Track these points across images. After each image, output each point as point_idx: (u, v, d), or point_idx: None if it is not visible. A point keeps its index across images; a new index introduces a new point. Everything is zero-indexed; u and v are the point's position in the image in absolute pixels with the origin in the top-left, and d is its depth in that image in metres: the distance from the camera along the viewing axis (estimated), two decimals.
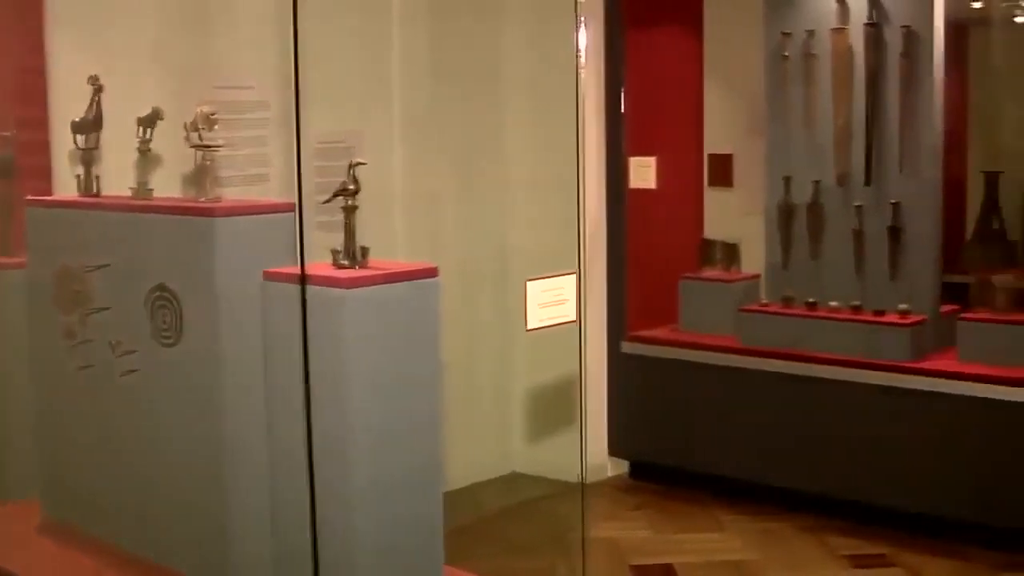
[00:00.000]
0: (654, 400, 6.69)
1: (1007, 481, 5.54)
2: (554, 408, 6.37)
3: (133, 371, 4.19)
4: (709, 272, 6.78)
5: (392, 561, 3.70)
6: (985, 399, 5.58)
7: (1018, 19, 8.49)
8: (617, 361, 6.81)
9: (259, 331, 3.83)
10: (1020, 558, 5.57)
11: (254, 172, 5.41)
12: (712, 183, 7.17)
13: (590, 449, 6.75)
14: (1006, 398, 5.53)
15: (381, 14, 5.92)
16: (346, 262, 3.73)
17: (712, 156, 7.16)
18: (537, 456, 6.58)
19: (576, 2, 4.09)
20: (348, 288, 3.53)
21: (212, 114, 4.13)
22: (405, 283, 3.68)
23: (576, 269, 4.10)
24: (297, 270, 3.52)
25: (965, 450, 5.65)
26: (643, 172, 6.86)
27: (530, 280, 3.91)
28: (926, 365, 5.88)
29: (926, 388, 5.76)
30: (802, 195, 6.33)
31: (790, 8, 6.33)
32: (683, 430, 6.57)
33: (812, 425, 6.11)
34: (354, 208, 3.82)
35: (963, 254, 8.62)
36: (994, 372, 5.66)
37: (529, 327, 3.93)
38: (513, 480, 6.70)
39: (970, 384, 5.64)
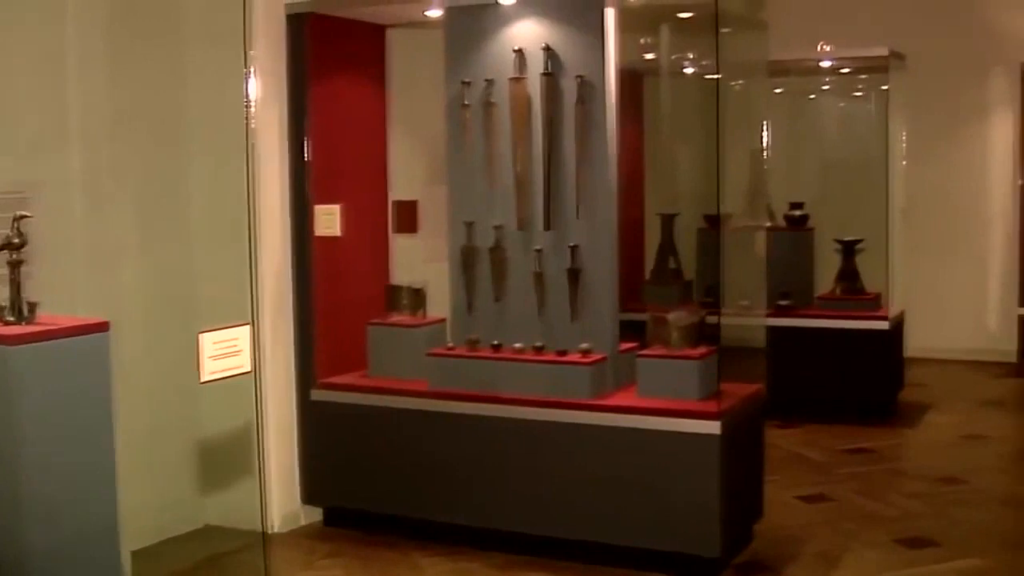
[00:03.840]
0: (346, 446, 6.68)
1: (684, 508, 5.78)
2: (241, 459, 6.29)
3: None
4: (396, 317, 6.82)
5: None
6: (660, 431, 5.82)
7: (687, 70, 8.98)
8: (307, 409, 6.79)
9: None
10: None
11: None
12: (398, 229, 7.24)
13: (283, 498, 6.70)
14: (680, 429, 5.77)
15: (57, 59, 5.77)
16: (12, 318, 3.64)
17: (397, 203, 7.24)
18: (228, 508, 6.46)
19: (245, 53, 4.11)
20: (12, 345, 3.44)
21: None
22: (73, 338, 3.61)
23: (249, 319, 4.09)
24: None
25: (646, 481, 5.86)
26: (328, 220, 6.85)
27: (202, 332, 3.88)
28: (605, 402, 6.07)
29: (606, 423, 5.96)
30: (485, 240, 6.45)
31: (470, 58, 6.46)
32: (377, 475, 6.58)
33: (501, 464, 6.23)
34: (19, 262, 3.73)
35: (643, 292, 9.04)
36: (668, 405, 5.90)
37: (203, 380, 3.91)
38: (205, 533, 6.56)
39: (645, 418, 5.87)
